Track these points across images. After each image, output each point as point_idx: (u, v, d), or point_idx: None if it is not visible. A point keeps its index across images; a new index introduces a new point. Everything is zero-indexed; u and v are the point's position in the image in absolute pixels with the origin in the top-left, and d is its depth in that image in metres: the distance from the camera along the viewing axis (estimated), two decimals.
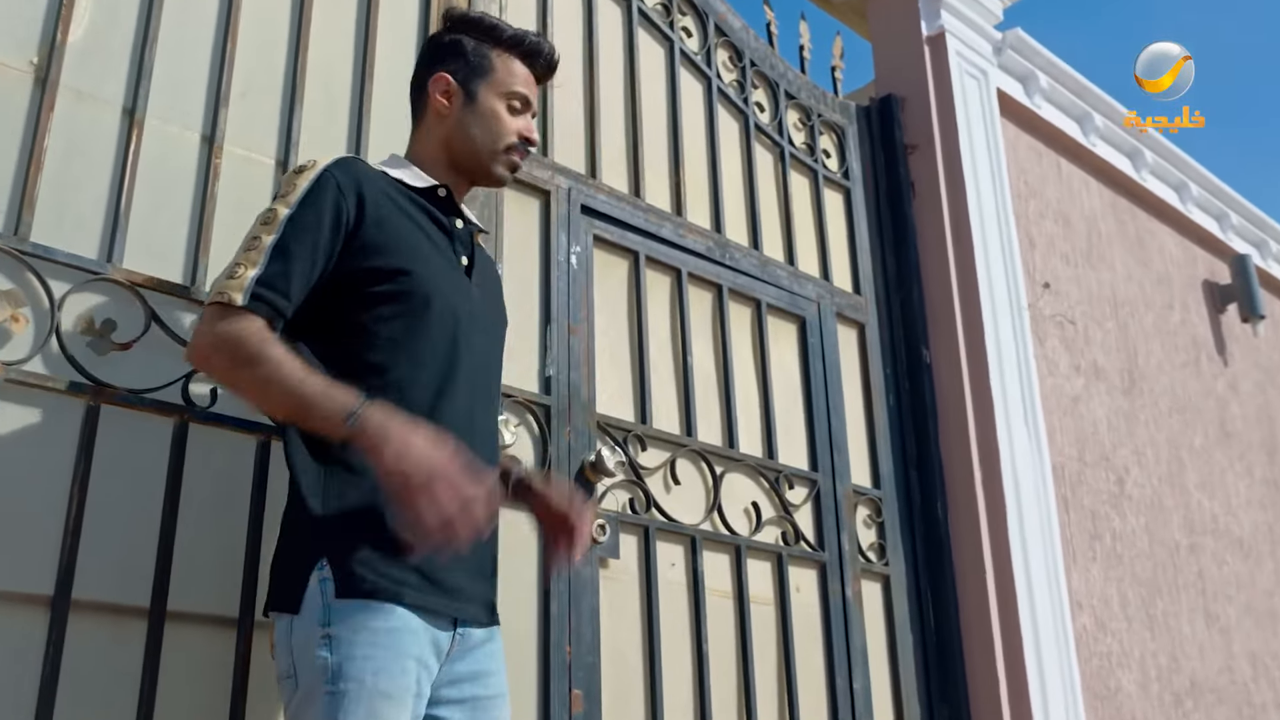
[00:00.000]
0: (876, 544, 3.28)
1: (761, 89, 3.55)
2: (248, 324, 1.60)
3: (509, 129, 1.90)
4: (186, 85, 2.18)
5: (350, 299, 1.74)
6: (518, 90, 1.91)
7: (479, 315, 1.86)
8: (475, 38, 1.94)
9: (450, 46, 1.95)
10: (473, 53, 1.92)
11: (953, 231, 3.69)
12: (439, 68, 1.93)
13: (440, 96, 1.92)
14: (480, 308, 1.88)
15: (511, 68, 1.92)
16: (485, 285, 1.94)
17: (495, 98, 1.90)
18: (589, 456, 2.59)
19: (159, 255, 2.05)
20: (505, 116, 1.90)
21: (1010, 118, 4.16)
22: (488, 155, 1.91)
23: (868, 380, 3.47)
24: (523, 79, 1.93)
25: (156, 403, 1.96)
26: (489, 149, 1.90)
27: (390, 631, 1.57)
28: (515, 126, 1.91)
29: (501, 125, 1.90)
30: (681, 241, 3.05)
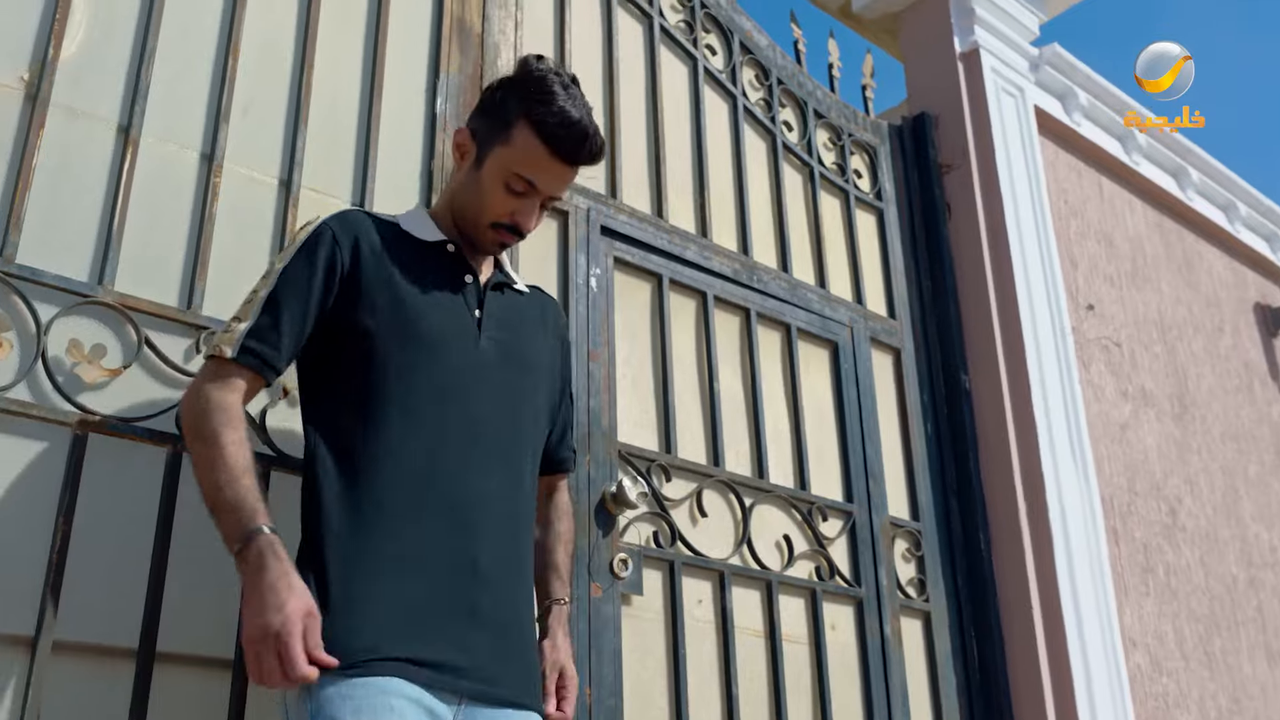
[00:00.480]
0: (916, 579, 3.12)
1: (789, 108, 3.44)
2: (227, 391, 1.60)
3: (497, 209, 1.75)
4: (185, 102, 2.10)
5: (345, 346, 1.68)
6: (521, 174, 1.72)
7: (490, 370, 1.75)
8: (516, 96, 1.74)
9: (489, 98, 1.81)
10: (500, 112, 1.76)
11: (991, 252, 3.55)
12: (472, 119, 1.83)
13: (456, 149, 1.84)
14: (494, 361, 1.76)
15: (529, 145, 1.71)
16: (514, 340, 1.82)
17: (498, 170, 1.74)
18: (610, 487, 2.46)
19: (153, 277, 1.96)
20: (499, 194, 1.74)
21: (1049, 136, 4.02)
22: (472, 226, 1.80)
23: (904, 407, 3.33)
24: (537, 162, 1.72)
25: (148, 431, 1.86)
26: (473, 221, 1.79)
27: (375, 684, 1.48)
28: (507, 208, 1.75)
29: (489, 202, 1.75)
30: (707, 264, 2.93)
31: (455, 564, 1.61)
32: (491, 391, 1.74)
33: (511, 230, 1.78)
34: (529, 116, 1.71)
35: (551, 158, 1.72)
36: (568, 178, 1.77)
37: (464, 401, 1.69)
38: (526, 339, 1.86)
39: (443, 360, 1.70)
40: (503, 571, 1.67)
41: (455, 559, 1.62)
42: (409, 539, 1.59)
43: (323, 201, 2.22)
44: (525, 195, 1.75)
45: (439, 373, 1.69)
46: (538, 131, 1.71)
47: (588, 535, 2.40)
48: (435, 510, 1.62)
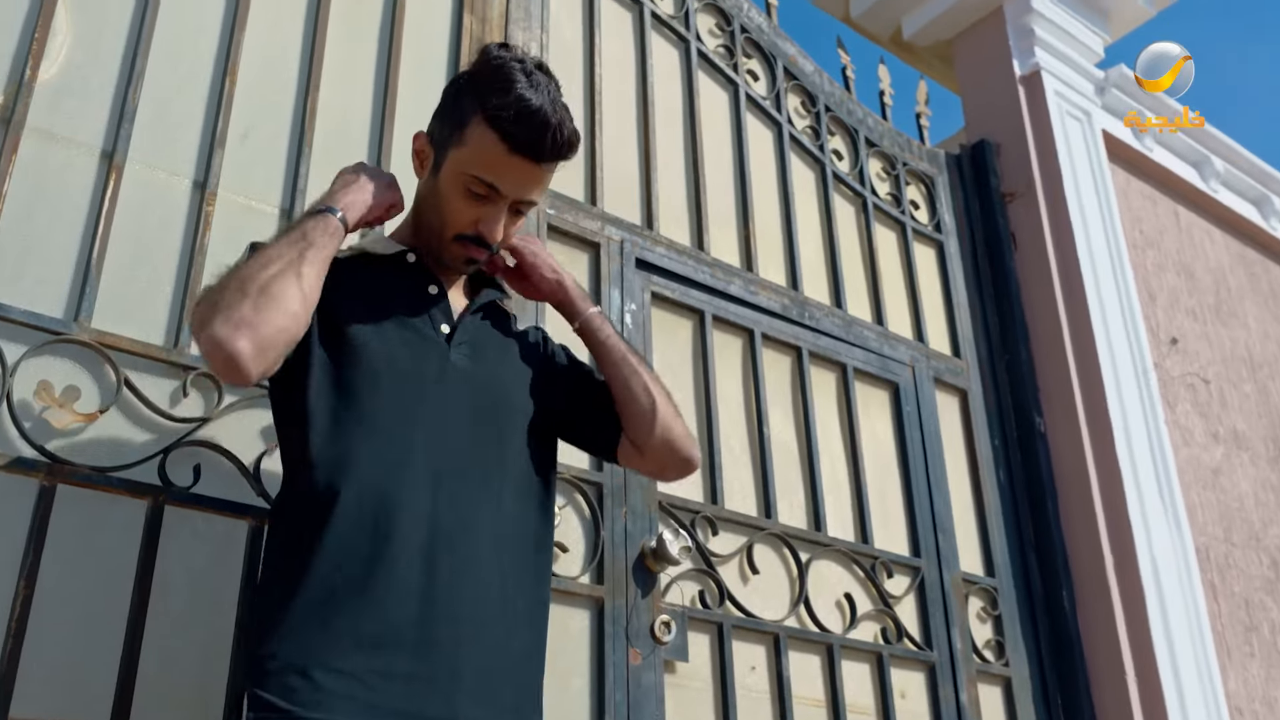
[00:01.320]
0: (993, 641, 2.83)
1: (839, 136, 3.23)
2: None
3: (458, 218, 1.53)
4: (177, 127, 1.94)
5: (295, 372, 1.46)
6: (480, 175, 1.49)
7: (459, 384, 1.53)
8: (471, 90, 1.52)
9: (446, 96, 1.61)
10: (455, 110, 1.54)
11: (1063, 285, 3.29)
12: (431, 122, 1.62)
13: (415, 157, 1.62)
14: (464, 376, 1.54)
15: (485, 142, 1.48)
16: (489, 352, 1.60)
17: (454, 174, 1.52)
18: (649, 542, 2.23)
19: (136, 314, 1.79)
20: (458, 201, 1.52)
21: (1119, 162, 3.77)
22: (436, 241, 1.58)
23: (973, 453, 3.06)
24: (495, 161, 1.49)
25: (126, 482, 1.67)
26: (437, 234, 1.57)
27: None
28: (468, 216, 1.53)
29: (449, 211, 1.53)
30: (753, 299, 2.71)
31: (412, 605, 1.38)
32: (462, 410, 1.51)
33: (477, 242, 1.55)
34: (484, 110, 1.48)
35: (510, 154, 1.48)
36: (535, 177, 1.52)
37: (430, 425, 1.47)
38: (507, 354, 1.64)
39: (406, 381, 1.48)
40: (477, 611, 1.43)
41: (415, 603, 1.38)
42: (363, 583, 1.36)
43: None
44: (489, 200, 1.52)
45: (401, 397, 1.47)
46: (492, 125, 1.47)
47: (625, 595, 2.17)
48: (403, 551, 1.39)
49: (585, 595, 2.12)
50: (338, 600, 1.34)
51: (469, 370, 1.54)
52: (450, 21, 2.41)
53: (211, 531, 1.74)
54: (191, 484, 1.73)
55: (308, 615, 1.33)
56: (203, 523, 1.73)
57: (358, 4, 2.27)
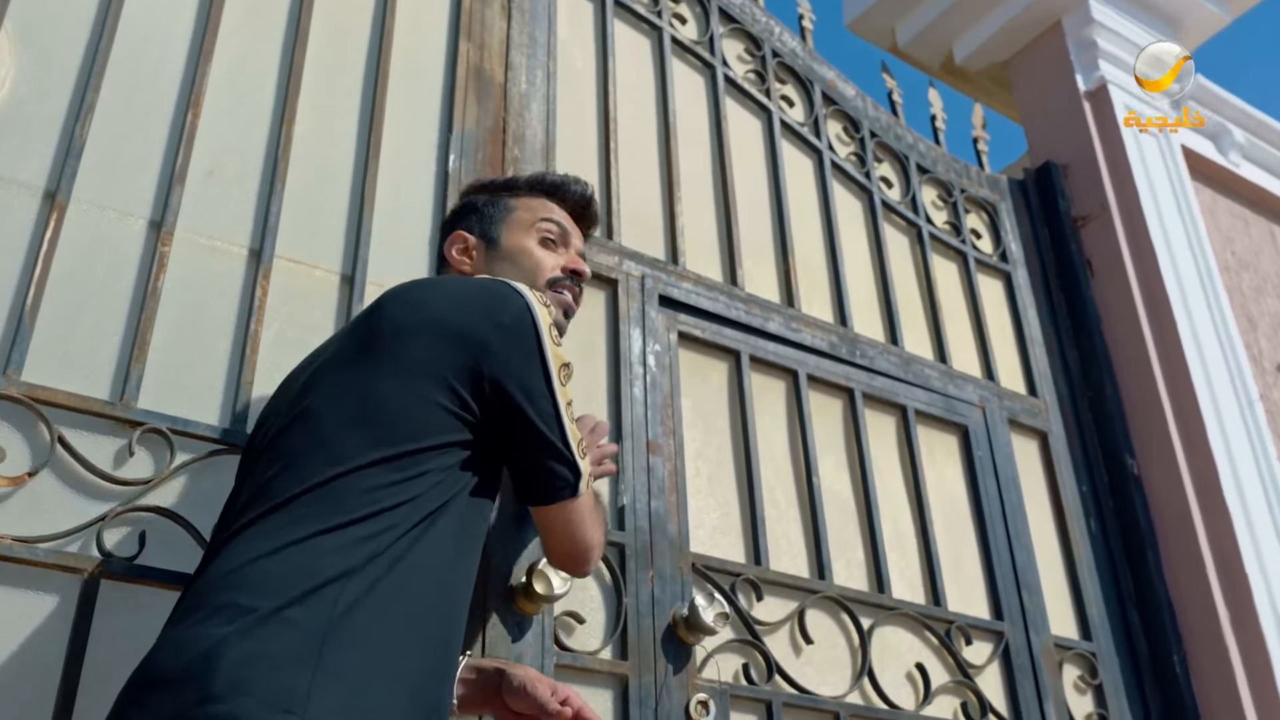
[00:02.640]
0: (1095, 715, 2.47)
1: (887, 162, 2.98)
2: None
3: (546, 263, 1.62)
4: (133, 163, 1.77)
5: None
6: (549, 219, 1.65)
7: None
8: (489, 194, 1.72)
9: (462, 210, 1.73)
10: (486, 205, 1.69)
11: (1149, 314, 2.97)
12: (456, 226, 1.71)
13: (459, 255, 1.63)
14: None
15: (534, 204, 1.67)
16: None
17: (521, 233, 1.63)
18: (681, 609, 1.95)
19: (75, 365, 1.60)
20: (537, 250, 1.63)
21: (1203, 180, 3.45)
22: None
23: (1059, 501, 2.72)
24: (553, 210, 1.68)
25: (57, 553, 1.47)
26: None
27: None
28: (551, 260, 1.63)
29: (536, 259, 1.62)
30: (796, 337, 2.45)
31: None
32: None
33: (570, 277, 1.64)
34: (517, 190, 1.71)
35: (561, 206, 1.69)
36: (579, 235, 1.72)
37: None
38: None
39: None
40: None
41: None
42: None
43: (306, 273, 1.85)
44: (559, 245, 1.66)
45: None
46: (539, 192, 1.69)
47: (654, 672, 1.89)
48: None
49: (606, 673, 1.85)
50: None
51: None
52: (445, 49, 2.23)
53: (160, 607, 1.51)
54: (136, 554, 1.51)
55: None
56: (149, 597, 1.51)
57: (340, 32, 2.11)
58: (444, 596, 1.24)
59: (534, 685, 1.41)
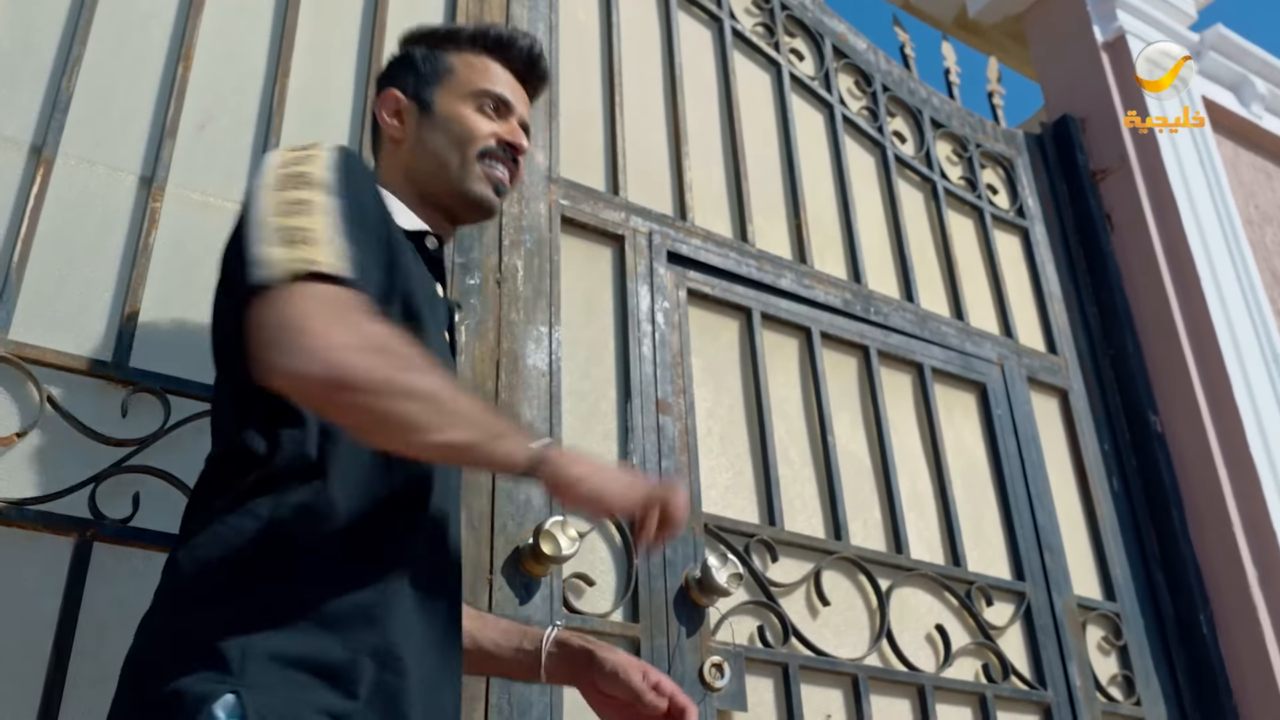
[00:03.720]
0: (1120, 676, 2.42)
1: (900, 117, 2.91)
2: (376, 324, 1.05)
3: (480, 130, 1.40)
4: (121, 118, 1.72)
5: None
6: (488, 88, 1.42)
7: None
8: (428, 46, 1.49)
9: (398, 63, 1.51)
10: (423, 60, 1.47)
11: (1171, 269, 2.89)
12: (390, 84, 1.49)
13: (389, 117, 1.44)
14: None
15: (476, 65, 1.45)
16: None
17: (456, 100, 1.42)
18: (693, 571, 1.90)
19: (66, 324, 1.55)
20: (473, 118, 1.40)
21: (1224, 132, 3.37)
22: (456, 170, 1.38)
23: (1080, 460, 2.66)
24: (496, 76, 1.45)
25: (48, 516, 1.42)
26: (455, 164, 1.38)
27: None
28: (487, 128, 1.40)
29: (468, 126, 1.40)
30: (809, 294, 2.38)
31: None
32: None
33: (508, 152, 1.41)
34: (460, 44, 1.47)
35: (505, 70, 1.46)
36: (524, 98, 1.49)
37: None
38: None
39: None
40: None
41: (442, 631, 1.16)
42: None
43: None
44: (501, 115, 1.43)
45: None
46: (480, 48, 1.46)
47: (667, 635, 1.84)
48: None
49: (618, 635, 1.80)
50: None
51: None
52: (444, 0, 2.16)
53: (154, 570, 1.46)
54: (130, 515, 1.47)
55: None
56: (143, 560, 1.47)
57: None
58: None
59: (626, 672, 1.33)
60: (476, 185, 1.38)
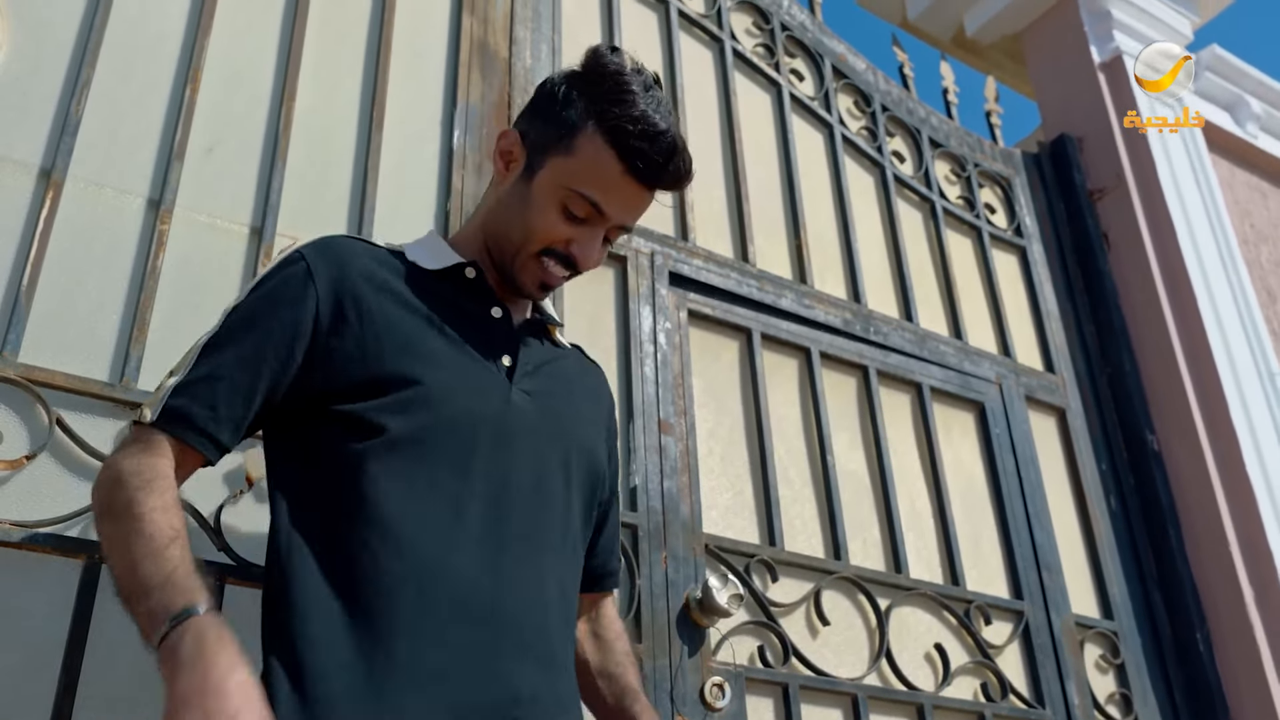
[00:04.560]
0: (1117, 694, 2.43)
1: (899, 136, 2.93)
2: (147, 456, 1.15)
3: (550, 233, 1.29)
4: (130, 140, 1.73)
5: (327, 421, 1.20)
6: (586, 193, 1.27)
7: (524, 432, 1.27)
8: (584, 94, 1.30)
9: (547, 94, 1.36)
10: (562, 113, 1.31)
11: (1167, 288, 2.92)
12: (523, 119, 1.39)
13: (500, 156, 1.37)
14: (530, 422, 1.28)
15: (600, 158, 1.27)
16: (555, 395, 1.35)
17: (557, 183, 1.29)
18: (694, 591, 1.91)
19: (74, 346, 1.56)
20: (553, 215, 1.29)
21: (1220, 152, 3.39)
22: (513, 254, 1.33)
23: (1078, 478, 2.68)
24: (607, 180, 1.28)
25: (57, 539, 1.43)
26: (517, 246, 1.32)
27: None
28: (561, 234, 1.30)
29: (540, 223, 1.30)
30: (809, 314, 2.40)
31: (483, 689, 1.13)
32: (527, 461, 1.25)
33: (565, 262, 1.31)
34: (601, 121, 1.27)
35: (626, 175, 1.27)
36: (642, 204, 1.32)
37: (488, 477, 1.21)
38: (573, 398, 1.39)
39: (460, 421, 1.22)
40: (550, 701, 1.18)
41: (483, 683, 1.13)
42: (417, 656, 1.11)
43: None
44: (587, 222, 1.30)
45: (454, 443, 1.21)
46: (612, 141, 1.26)
47: (669, 655, 1.85)
48: (453, 620, 1.13)
49: None
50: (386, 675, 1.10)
51: (534, 413, 1.29)
52: (448, 22, 2.18)
53: None
54: None
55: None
56: None
57: (342, 5, 2.06)
58: None
59: None
60: (521, 276, 1.32)
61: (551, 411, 1.32)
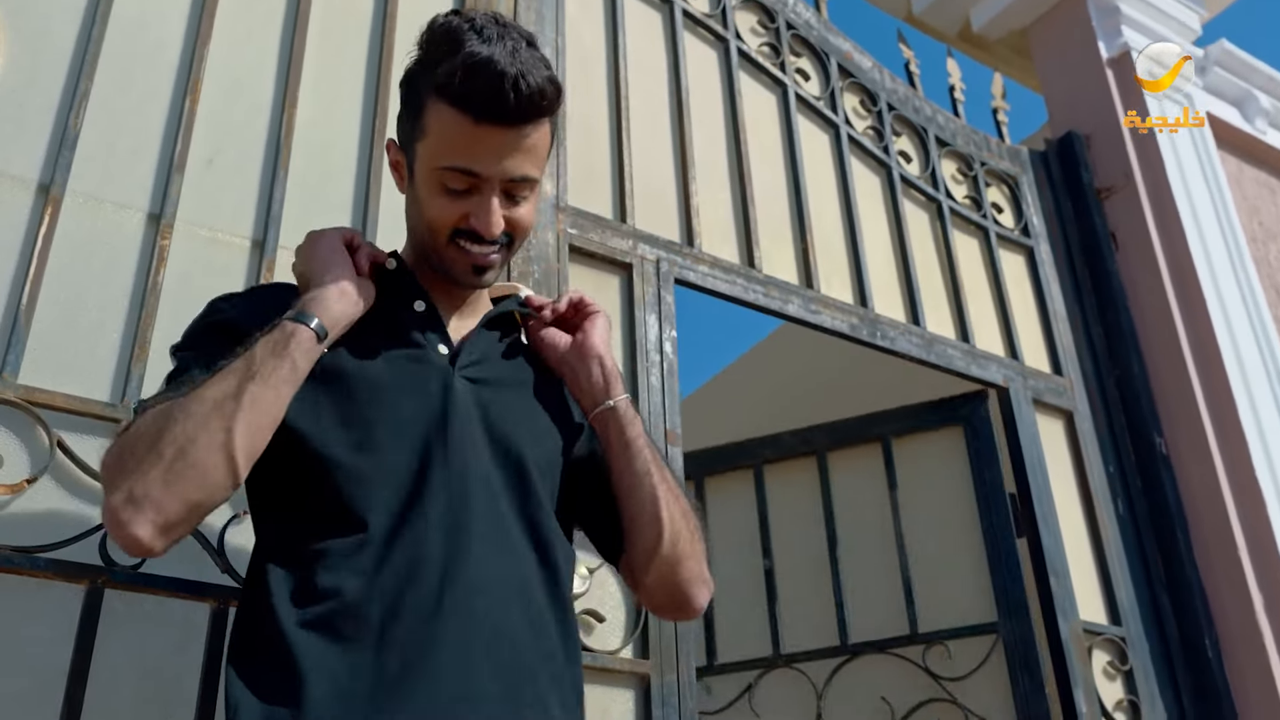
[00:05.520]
0: (1125, 701, 2.42)
1: (906, 136, 2.90)
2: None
3: (444, 216, 1.25)
4: (129, 154, 1.71)
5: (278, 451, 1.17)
6: (451, 165, 1.22)
7: (468, 418, 1.23)
8: (421, 68, 1.26)
9: (402, 87, 1.32)
10: (407, 103, 1.30)
11: (1175, 288, 2.89)
12: (398, 121, 1.34)
13: (393, 170, 1.35)
14: (474, 405, 1.24)
15: (445, 123, 1.21)
16: (507, 381, 1.31)
17: (426, 171, 1.25)
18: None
19: (74, 367, 1.54)
20: (438, 201, 1.25)
21: (1228, 148, 3.36)
22: (432, 251, 1.29)
23: (1085, 482, 2.67)
24: (460, 141, 1.21)
25: (58, 564, 1.41)
26: (428, 244, 1.29)
27: None
28: (451, 214, 1.25)
29: (431, 215, 1.26)
30: (815, 320, 2.38)
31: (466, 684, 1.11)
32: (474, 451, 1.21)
33: (472, 238, 1.25)
34: (435, 86, 1.21)
35: (473, 124, 1.19)
36: (512, 145, 1.22)
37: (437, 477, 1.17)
38: (530, 387, 1.34)
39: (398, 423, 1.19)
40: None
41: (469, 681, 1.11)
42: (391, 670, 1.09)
43: None
44: (471, 191, 1.24)
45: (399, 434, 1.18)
46: (448, 98, 1.19)
47: (676, 670, 1.83)
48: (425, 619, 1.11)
49: (627, 672, 1.80)
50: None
51: (478, 399, 1.25)
52: None
53: (166, 616, 1.47)
54: (140, 562, 1.46)
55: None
56: (154, 606, 1.46)
57: (342, 14, 2.03)
58: None
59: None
60: (453, 269, 1.28)
61: (500, 396, 1.28)
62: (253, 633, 1.13)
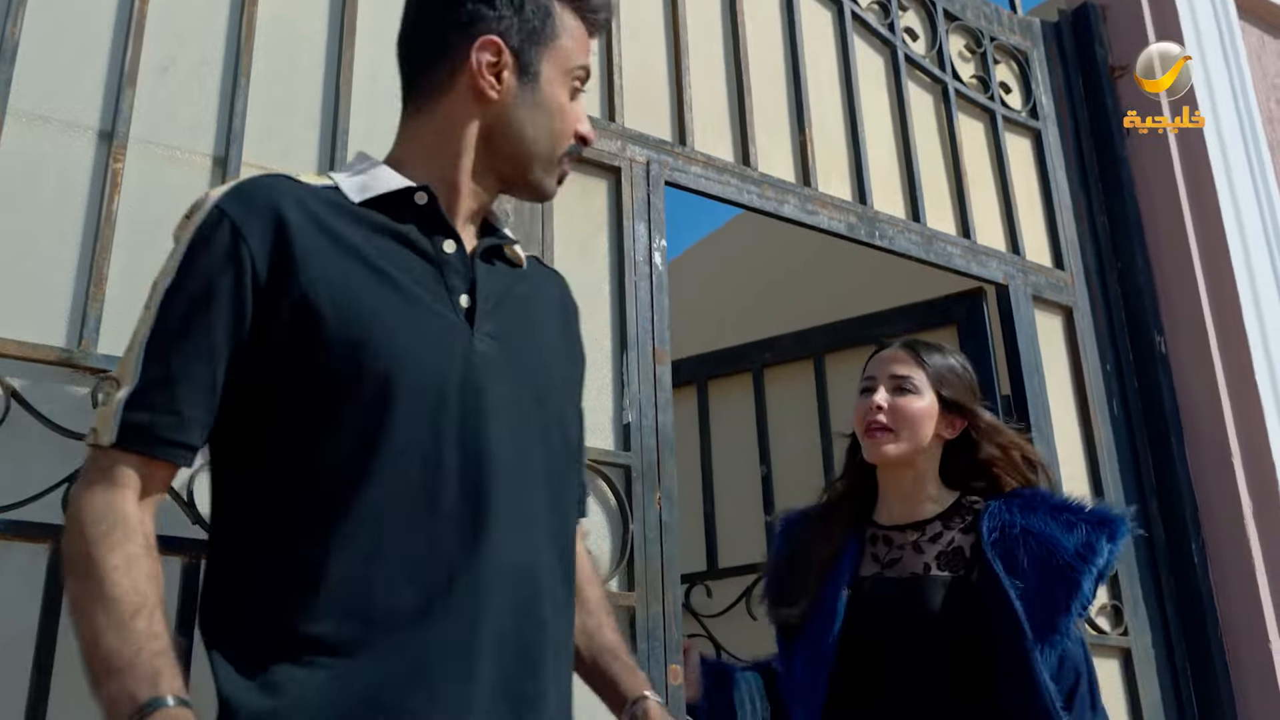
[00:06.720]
0: (1108, 606, 2.43)
1: (912, 10, 2.73)
2: (108, 492, 1.04)
3: (575, 124, 1.25)
4: (74, 64, 1.57)
5: (269, 402, 1.09)
6: (585, 64, 1.26)
7: (493, 384, 1.14)
8: None
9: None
10: (532, 5, 1.23)
11: (1186, 175, 2.78)
12: (482, 24, 1.21)
13: (488, 71, 1.20)
14: (500, 370, 1.15)
15: (575, 30, 1.25)
16: (520, 330, 1.21)
17: (559, 76, 1.23)
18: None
19: (23, 309, 1.45)
20: (569, 107, 1.24)
21: (1251, 19, 3.19)
22: (541, 164, 1.23)
23: (1081, 381, 2.61)
24: (584, 45, 1.27)
25: (19, 525, 1.35)
26: (545, 153, 1.23)
27: None
28: (581, 119, 1.26)
29: (567, 121, 1.24)
30: (812, 220, 2.28)
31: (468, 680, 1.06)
32: (498, 418, 1.13)
33: (578, 146, 1.27)
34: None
35: (589, 31, 1.29)
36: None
37: (458, 439, 1.10)
38: (539, 329, 1.25)
39: (420, 386, 1.09)
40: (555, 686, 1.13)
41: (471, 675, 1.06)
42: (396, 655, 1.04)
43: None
44: (576, 96, 1.28)
45: (415, 405, 1.08)
46: (579, 10, 1.26)
47: (662, 601, 1.81)
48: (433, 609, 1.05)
49: (614, 604, 1.77)
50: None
51: (499, 360, 1.15)
52: None
53: None
54: None
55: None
56: None
57: None
58: None
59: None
60: (550, 183, 1.25)
61: (518, 356, 1.19)
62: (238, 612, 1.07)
